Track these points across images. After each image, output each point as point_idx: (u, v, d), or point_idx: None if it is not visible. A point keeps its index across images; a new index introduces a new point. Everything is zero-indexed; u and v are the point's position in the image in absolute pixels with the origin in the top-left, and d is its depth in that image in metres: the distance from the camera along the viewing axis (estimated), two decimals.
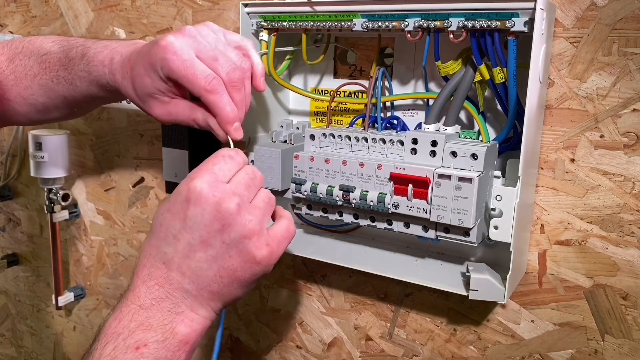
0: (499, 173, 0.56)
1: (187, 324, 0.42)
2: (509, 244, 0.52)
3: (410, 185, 0.53)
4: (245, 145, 0.67)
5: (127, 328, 0.40)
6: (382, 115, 0.62)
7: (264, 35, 0.62)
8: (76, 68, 0.54)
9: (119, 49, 0.52)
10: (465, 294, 0.55)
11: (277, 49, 0.63)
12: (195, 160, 0.80)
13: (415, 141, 0.55)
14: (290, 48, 0.66)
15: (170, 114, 0.51)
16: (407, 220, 0.56)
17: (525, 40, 0.50)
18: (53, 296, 1.02)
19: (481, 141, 0.57)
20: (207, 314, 0.44)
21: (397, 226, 0.57)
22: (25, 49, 0.57)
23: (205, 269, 0.42)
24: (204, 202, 0.42)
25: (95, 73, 0.53)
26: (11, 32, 1.03)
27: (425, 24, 0.53)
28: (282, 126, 0.69)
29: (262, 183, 0.47)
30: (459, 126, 0.59)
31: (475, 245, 0.54)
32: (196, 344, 0.44)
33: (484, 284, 0.55)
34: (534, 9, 0.47)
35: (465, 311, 0.66)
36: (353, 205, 0.57)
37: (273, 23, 0.61)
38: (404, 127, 0.63)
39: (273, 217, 0.48)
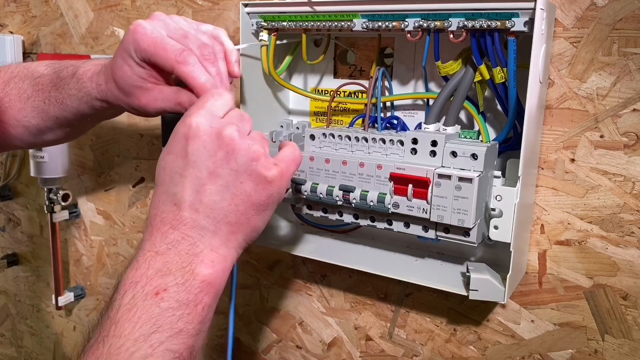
0: (499, 173, 0.56)
1: (207, 265, 0.41)
2: (509, 244, 0.52)
3: (410, 185, 0.53)
4: None
5: (145, 275, 0.39)
6: (382, 115, 0.62)
7: (264, 35, 0.62)
8: (67, 87, 0.55)
9: (104, 62, 0.53)
10: (465, 294, 0.55)
11: (277, 42, 0.63)
12: None
13: (415, 141, 0.55)
14: (285, 41, 0.66)
15: (155, 99, 0.51)
16: (407, 220, 0.56)
17: (525, 40, 0.50)
18: (53, 296, 1.02)
19: (481, 141, 0.57)
20: (227, 252, 0.42)
21: (397, 226, 0.57)
22: (20, 73, 0.58)
23: (218, 200, 0.41)
24: (203, 134, 0.41)
25: (84, 90, 0.54)
26: (11, 32, 1.03)
27: (425, 24, 0.53)
28: (282, 126, 0.69)
29: (251, 122, 0.46)
30: (459, 126, 0.59)
31: (475, 245, 0.54)
32: (220, 287, 0.42)
33: (484, 284, 0.55)
34: (534, 9, 0.47)
35: (465, 311, 0.66)
36: (353, 205, 0.57)
37: (273, 23, 0.61)
38: (404, 127, 0.63)
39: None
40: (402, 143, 0.56)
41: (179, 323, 0.39)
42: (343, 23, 0.57)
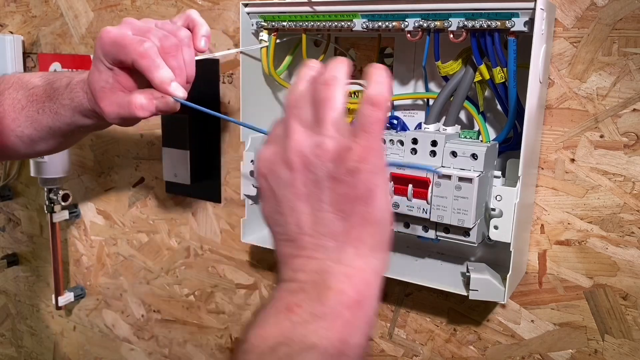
0: (499, 173, 0.56)
1: (341, 279, 0.35)
2: (509, 244, 0.52)
3: (410, 185, 0.53)
4: (245, 145, 0.67)
5: (274, 297, 0.36)
6: None
7: (264, 35, 0.62)
8: (60, 97, 0.55)
9: None
10: (465, 294, 0.55)
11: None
12: (195, 160, 0.80)
13: (415, 141, 0.55)
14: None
15: (111, 104, 0.51)
16: (407, 220, 0.56)
17: (525, 40, 0.50)
18: (53, 296, 1.02)
19: (481, 141, 0.57)
20: (363, 264, 0.37)
21: (397, 226, 0.57)
22: (14, 83, 0.59)
23: (321, 216, 0.37)
24: (266, 171, 0.38)
25: (77, 100, 0.54)
26: (11, 32, 1.03)
27: (425, 24, 0.53)
28: None
29: (341, 81, 0.38)
30: (459, 126, 0.59)
31: (475, 245, 0.54)
32: (366, 305, 0.37)
33: (484, 284, 0.55)
34: (534, 9, 0.47)
35: (465, 311, 0.66)
36: None
37: (273, 23, 0.61)
38: (404, 127, 0.63)
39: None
40: (402, 143, 0.56)
41: (312, 337, 0.33)
42: (343, 23, 0.57)
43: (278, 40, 0.63)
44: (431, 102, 0.61)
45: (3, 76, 0.60)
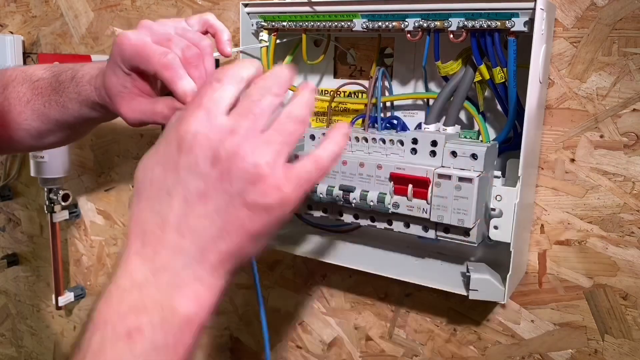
0: (499, 173, 0.56)
1: (191, 299, 0.35)
2: (509, 244, 0.52)
3: (410, 185, 0.53)
4: None
5: (117, 312, 0.34)
6: (382, 115, 0.62)
7: (264, 35, 0.62)
8: (67, 90, 0.55)
9: (102, 66, 0.53)
10: (465, 294, 0.55)
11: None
12: None
13: (415, 141, 0.55)
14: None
15: (133, 110, 0.51)
16: (407, 220, 0.56)
17: (525, 40, 0.50)
18: (53, 296, 1.02)
19: (481, 141, 0.57)
20: (215, 283, 0.36)
21: (397, 226, 0.57)
22: (18, 77, 0.58)
23: (207, 225, 0.35)
24: (198, 148, 0.35)
25: (84, 93, 0.54)
26: (11, 32, 1.03)
27: (425, 24, 0.53)
28: None
29: (279, 88, 0.38)
30: (459, 126, 0.59)
31: (475, 245, 0.54)
32: (204, 322, 0.36)
33: (484, 284, 0.55)
34: (534, 9, 0.47)
35: (465, 311, 0.66)
36: (353, 205, 0.57)
37: (273, 23, 0.61)
38: (404, 127, 0.63)
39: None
40: (402, 143, 0.56)
41: None
42: (343, 23, 0.57)
43: (278, 41, 0.63)
44: (431, 102, 0.61)
45: (5, 69, 0.60)
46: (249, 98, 0.37)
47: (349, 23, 0.57)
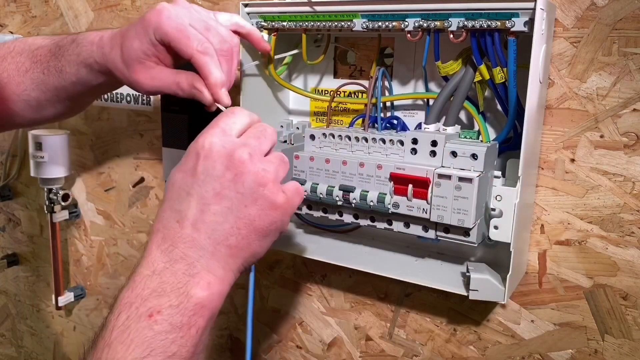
0: (499, 173, 0.56)
1: (203, 287, 0.40)
2: (509, 244, 0.52)
3: (410, 185, 0.53)
4: None
5: (140, 296, 0.39)
6: (382, 115, 0.62)
7: (264, 36, 0.62)
8: (66, 54, 0.55)
9: (108, 31, 0.54)
10: (465, 294, 0.55)
11: (276, 57, 0.63)
12: None
13: (415, 141, 0.55)
14: (290, 53, 0.66)
15: (153, 78, 0.51)
16: (407, 220, 0.56)
17: (525, 40, 0.50)
18: (53, 296, 1.02)
19: (481, 141, 0.57)
20: (225, 275, 0.42)
21: (397, 226, 0.57)
22: (17, 47, 0.58)
23: (221, 222, 0.41)
24: (214, 154, 0.42)
25: (84, 54, 0.54)
26: (11, 32, 1.03)
27: (425, 24, 0.53)
28: (282, 126, 0.69)
29: (273, 138, 0.46)
30: (459, 126, 0.59)
31: (475, 245, 0.54)
32: (216, 309, 0.42)
33: (484, 284, 0.55)
34: (534, 9, 0.47)
35: (465, 311, 0.66)
36: (353, 205, 0.57)
37: (273, 23, 0.61)
38: (404, 127, 0.63)
39: None
40: (402, 143, 0.56)
41: (172, 346, 0.38)
42: (343, 23, 0.57)
43: (277, 56, 0.63)
44: (431, 102, 0.61)
45: (3, 43, 0.60)
46: (256, 128, 0.45)
47: (349, 23, 0.57)
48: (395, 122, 0.63)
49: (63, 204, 0.97)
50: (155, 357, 0.37)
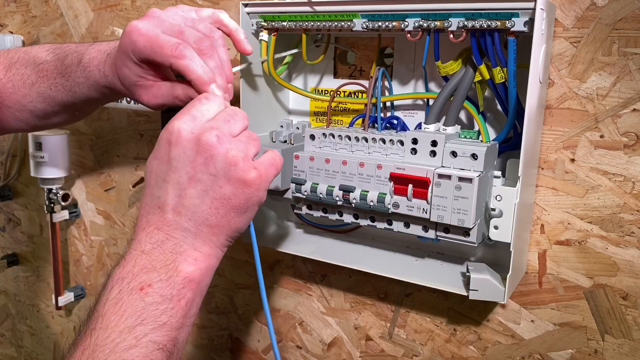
0: (499, 173, 0.56)
1: (191, 262, 0.43)
2: (509, 244, 0.52)
3: (410, 185, 0.53)
4: None
5: (131, 272, 0.41)
6: (382, 115, 0.62)
7: (264, 35, 0.62)
8: (74, 75, 0.55)
9: (108, 50, 0.54)
10: (465, 294, 0.55)
11: (276, 56, 0.63)
12: None
13: (415, 141, 0.55)
14: (290, 52, 0.66)
15: (155, 96, 0.51)
16: (407, 220, 0.56)
17: (525, 40, 0.50)
18: (53, 296, 1.02)
19: (481, 141, 0.57)
20: (210, 251, 0.44)
21: (397, 226, 0.57)
22: (21, 58, 0.58)
23: (198, 204, 0.43)
24: (184, 140, 0.43)
25: (92, 78, 0.54)
26: (11, 32, 1.03)
27: (425, 24, 0.53)
28: (282, 126, 0.69)
29: (244, 120, 0.47)
30: (459, 126, 0.59)
31: (475, 245, 0.54)
32: (204, 284, 0.44)
33: (484, 284, 0.55)
34: (534, 9, 0.47)
35: (465, 311, 0.66)
36: (353, 205, 0.57)
37: (273, 23, 0.61)
38: (404, 127, 0.63)
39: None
40: (402, 143, 0.56)
41: (162, 316, 0.40)
42: (343, 23, 0.57)
43: (276, 55, 0.63)
44: (431, 102, 0.61)
45: (6, 50, 0.60)
46: (226, 112, 0.46)
47: (349, 23, 0.57)
48: (395, 122, 0.63)
49: (63, 204, 0.97)
50: (146, 325, 0.39)
